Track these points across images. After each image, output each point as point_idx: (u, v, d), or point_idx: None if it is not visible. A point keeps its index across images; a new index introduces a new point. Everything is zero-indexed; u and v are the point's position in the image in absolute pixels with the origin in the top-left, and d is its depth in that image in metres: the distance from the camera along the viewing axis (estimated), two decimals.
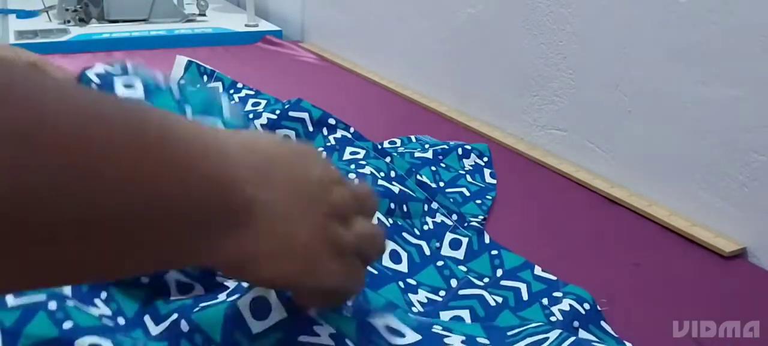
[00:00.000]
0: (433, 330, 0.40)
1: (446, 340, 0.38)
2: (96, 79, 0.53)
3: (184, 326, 0.40)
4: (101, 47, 1.39)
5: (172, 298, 0.44)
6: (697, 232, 0.68)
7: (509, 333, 0.42)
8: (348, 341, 0.37)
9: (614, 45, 0.78)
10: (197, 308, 0.41)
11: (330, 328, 0.39)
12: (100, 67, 0.54)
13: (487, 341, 0.40)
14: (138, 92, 0.50)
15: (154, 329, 0.42)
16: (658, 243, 0.67)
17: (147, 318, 0.42)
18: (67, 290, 0.41)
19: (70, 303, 0.39)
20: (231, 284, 0.44)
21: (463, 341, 0.38)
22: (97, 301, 0.42)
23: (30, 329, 0.36)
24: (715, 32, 0.66)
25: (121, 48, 1.41)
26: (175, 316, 0.41)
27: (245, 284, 0.40)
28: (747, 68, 0.64)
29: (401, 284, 0.52)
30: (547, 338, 0.42)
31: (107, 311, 0.42)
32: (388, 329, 0.38)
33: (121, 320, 0.42)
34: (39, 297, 0.38)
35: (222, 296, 0.42)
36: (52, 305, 0.38)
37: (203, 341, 0.39)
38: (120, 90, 0.52)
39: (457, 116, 1.04)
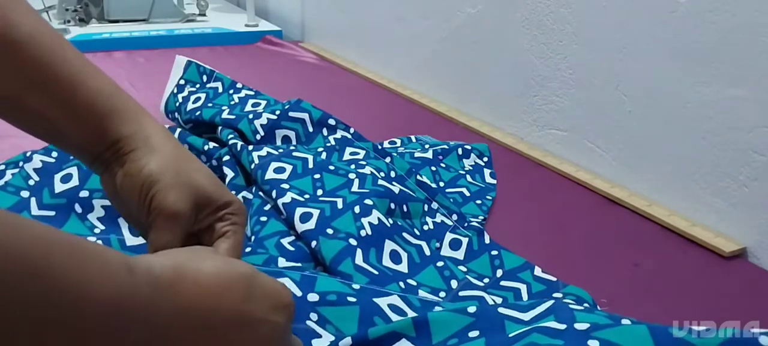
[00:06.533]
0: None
1: None
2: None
3: None
4: (101, 47, 1.39)
5: None
6: (697, 232, 0.68)
7: (511, 335, 0.42)
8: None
9: (614, 45, 0.78)
10: None
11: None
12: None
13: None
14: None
15: None
16: (658, 243, 0.67)
17: None
18: None
19: None
20: None
21: None
22: None
23: None
24: (715, 32, 0.66)
25: (121, 48, 1.41)
26: None
27: None
28: (747, 68, 0.64)
29: (401, 284, 0.52)
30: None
31: None
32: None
33: None
34: None
35: None
36: None
37: None
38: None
39: (457, 116, 1.04)
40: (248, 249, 0.53)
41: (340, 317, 0.43)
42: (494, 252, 0.60)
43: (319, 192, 0.61)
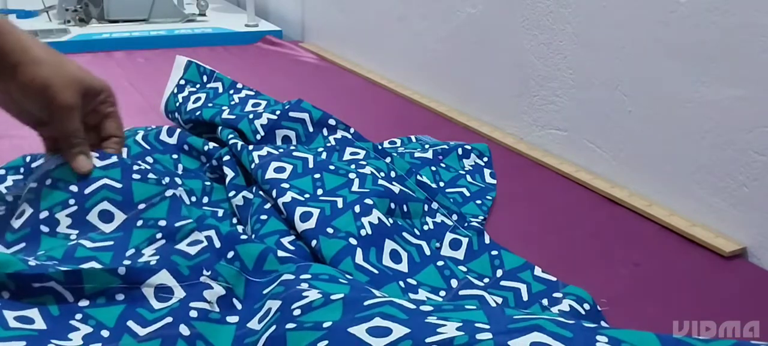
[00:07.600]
0: (426, 321, 0.39)
1: (440, 329, 0.38)
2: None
3: (184, 330, 0.41)
4: (101, 47, 1.39)
5: (155, 307, 0.44)
6: (697, 232, 0.68)
7: (516, 317, 0.42)
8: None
9: (614, 45, 0.78)
10: (196, 316, 0.43)
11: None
12: None
13: (486, 326, 0.39)
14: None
15: (142, 331, 0.42)
16: (658, 243, 0.67)
17: (131, 323, 0.43)
18: (42, 324, 0.41)
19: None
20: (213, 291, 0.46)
21: (458, 327, 0.38)
22: (73, 322, 0.42)
23: None
24: (715, 32, 0.66)
25: (121, 48, 1.41)
26: (169, 319, 0.42)
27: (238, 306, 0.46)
28: (747, 68, 0.64)
29: (401, 283, 0.53)
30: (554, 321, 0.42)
31: (87, 329, 0.42)
32: (371, 331, 0.38)
33: (104, 333, 0.42)
34: (18, 344, 0.38)
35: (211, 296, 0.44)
36: None
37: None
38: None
39: (457, 116, 1.04)
40: (244, 237, 0.53)
41: (329, 288, 0.44)
42: (494, 252, 0.61)
43: (320, 192, 0.61)
